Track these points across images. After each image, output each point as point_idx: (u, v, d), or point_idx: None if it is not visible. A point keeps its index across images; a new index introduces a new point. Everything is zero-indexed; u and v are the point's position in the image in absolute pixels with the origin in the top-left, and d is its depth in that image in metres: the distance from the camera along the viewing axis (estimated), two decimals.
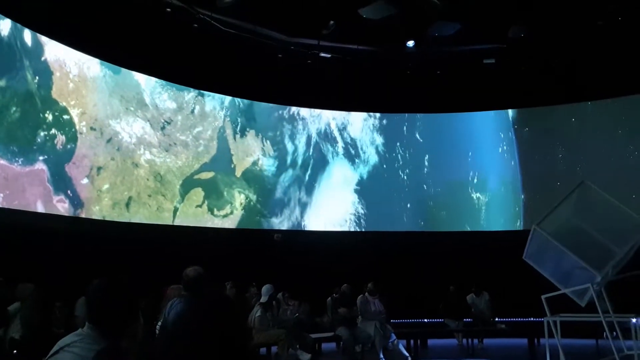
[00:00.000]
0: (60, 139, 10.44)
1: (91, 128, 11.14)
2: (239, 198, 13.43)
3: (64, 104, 10.63)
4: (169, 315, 4.80)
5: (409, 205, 14.61)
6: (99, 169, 11.19)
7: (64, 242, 9.71)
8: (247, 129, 13.84)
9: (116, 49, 11.34)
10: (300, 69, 13.53)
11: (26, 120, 9.93)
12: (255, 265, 11.84)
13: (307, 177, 14.24)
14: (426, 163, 14.80)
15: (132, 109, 11.97)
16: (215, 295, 1.93)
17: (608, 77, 12.70)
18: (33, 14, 9.95)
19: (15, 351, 7.38)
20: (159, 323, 4.54)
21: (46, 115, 10.28)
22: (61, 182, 10.40)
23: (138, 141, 12.03)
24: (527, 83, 13.58)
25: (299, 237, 13.38)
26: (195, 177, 12.90)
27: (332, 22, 11.93)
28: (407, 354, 9.39)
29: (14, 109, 9.68)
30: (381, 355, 9.12)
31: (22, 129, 9.84)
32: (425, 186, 14.76)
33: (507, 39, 12.86)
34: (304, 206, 14.08)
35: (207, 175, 13.07)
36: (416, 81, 14.01)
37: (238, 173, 13.55)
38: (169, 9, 11.52)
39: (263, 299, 8.65)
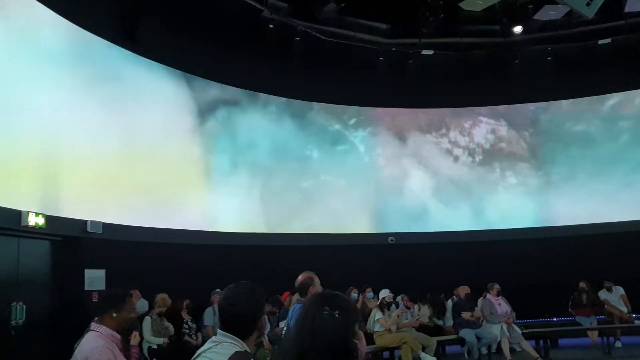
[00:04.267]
0: None
1: None
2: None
3: None
4: (291, 320, 4.99)
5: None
6: None
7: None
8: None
9: (223, 67, 11.85)
10: (401, 69, 13.48)
11: None
12: (372, 269, 11.92)
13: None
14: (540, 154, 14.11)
15: None
16: (321, 295, 1.97)
17: None
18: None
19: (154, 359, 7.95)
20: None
21: None
22: None
23: None
24: None
25: (412, 239, 13.23)
26: None
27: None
28: (536, 355, 9.01)
29: None
30: (509, 357, 8.82)
31: None
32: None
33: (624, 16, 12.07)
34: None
35: None
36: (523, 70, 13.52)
37: None
38: (271, 25, 11.94)
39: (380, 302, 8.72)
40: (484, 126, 14.22)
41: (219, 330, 2.38)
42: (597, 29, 12.93)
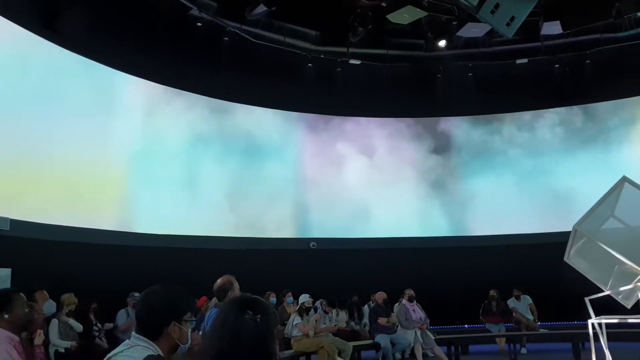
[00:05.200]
0: None
1: None
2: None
3: None
4: (207, 324, 4.90)
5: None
6: None
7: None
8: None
9: (145, 63, 11.54)
10: (330, 77, 13.64)
11: None
12: (291, 274, 11.93)
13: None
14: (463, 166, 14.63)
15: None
16: (239, 299, 1.95)
17: None
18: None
19: None
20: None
21: None
22: None
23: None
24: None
25: (335, 245, 13.36)
26: None
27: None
28: None
29: None
30: None
31: None
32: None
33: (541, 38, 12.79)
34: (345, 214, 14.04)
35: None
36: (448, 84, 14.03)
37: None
38: (199, 24, 11.77)
39: (299, 307, 8.74)
40: (406, 137, 14.56)
41: (133, 333, 2.30)
42: (516, 49, 13.62)
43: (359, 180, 14.06)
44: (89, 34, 10.43)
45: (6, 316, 3.40)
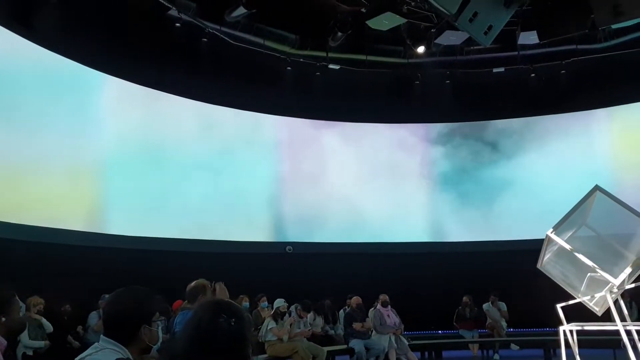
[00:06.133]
0: None
1: None
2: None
3: None
4: (177, 326, 4.85)
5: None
6: None
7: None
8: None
9: (122, 62, 11.38)
10: (309, 81, 13.64)
11: None
12: (267, 279, 11.87)
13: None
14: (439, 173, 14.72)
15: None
16: (211, 303, 1.94)
17: None
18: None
19: None
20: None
21: None
22: None
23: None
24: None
25: (310, 249, 13.33)
26: None
27: None
28: None
29: None
30: None
31: None
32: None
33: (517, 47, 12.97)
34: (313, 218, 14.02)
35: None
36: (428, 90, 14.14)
37: None
38: (178, 24, 11.69)
39: (274, 312, 8.70)
40: (382, 142, 14.60)
41: (102, 336, 2.28)
42: (493, 58, 13.78)
43: (336, 185, 14.05)
44: (63, 31, 10.25)
45: (3, 319, 3.29)
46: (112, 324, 2.29)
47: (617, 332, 5.12)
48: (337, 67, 13.57)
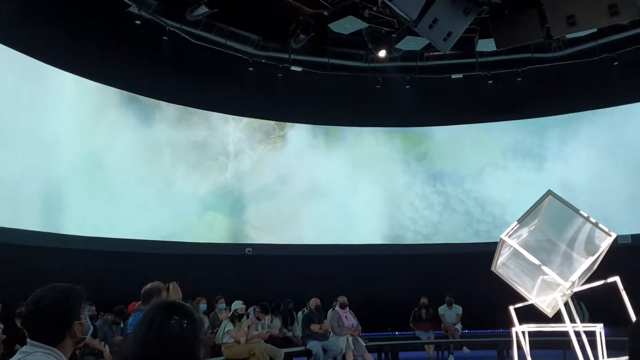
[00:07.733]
0: None
1: None
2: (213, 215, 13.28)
3: None
4: (129, 327, 4.78)
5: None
6: None
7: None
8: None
9: (79, 59, 11.11)
10: (271, 82, 13.62)
11: None
12: (226, 280, 11.78)
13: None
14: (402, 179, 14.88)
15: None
16: (160, 304, 1.91)
17: None
18: None
19: None
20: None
21: None
22: None
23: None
24: None
25: (270, 251, 13.29)
26: None
27: None
28: None
29: None
30: None
31: None
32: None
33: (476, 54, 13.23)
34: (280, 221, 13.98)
35: None
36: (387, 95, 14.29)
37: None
38: (138, 22, 11.50)
39: (232, 314, 8.64)
40: (343, 145, 14.68)
41: (28, 340, 2.17)
42: (452, 64, 14.02)
43: (295, 187, 14.06)
44: (17, 23, 9.95)
45: None
46: (38, 328, 2.17)
47: (567, 334, 5.28)
48: (299, 69, 13.58)
